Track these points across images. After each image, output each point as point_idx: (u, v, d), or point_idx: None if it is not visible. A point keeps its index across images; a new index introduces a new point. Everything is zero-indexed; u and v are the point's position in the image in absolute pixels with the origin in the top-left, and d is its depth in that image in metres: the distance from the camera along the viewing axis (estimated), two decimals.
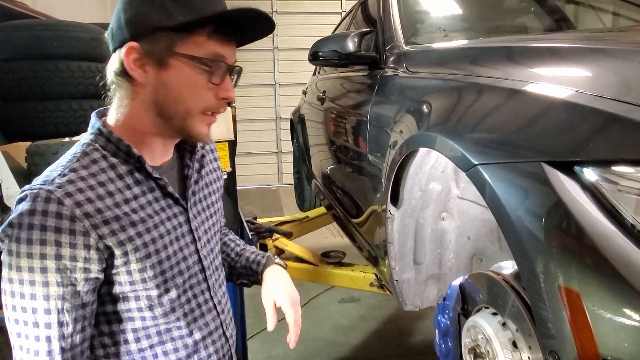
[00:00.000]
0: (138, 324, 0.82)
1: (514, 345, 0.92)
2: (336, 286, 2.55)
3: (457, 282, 1.16)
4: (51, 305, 0.72)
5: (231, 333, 1.00)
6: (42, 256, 0.70)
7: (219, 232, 1.03)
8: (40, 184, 0.72)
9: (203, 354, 0.90)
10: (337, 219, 2.60)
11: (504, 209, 0.81)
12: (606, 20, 2.21)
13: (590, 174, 0.71)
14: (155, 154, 0.84)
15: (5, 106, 2.73)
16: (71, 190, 0.72)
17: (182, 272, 0.86)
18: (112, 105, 0.81)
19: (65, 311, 0.73)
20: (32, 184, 0.73)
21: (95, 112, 0.83)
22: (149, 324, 0.83)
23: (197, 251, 0.90)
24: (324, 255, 2.42)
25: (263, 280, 1.12)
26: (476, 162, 0.90)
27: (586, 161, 0.72)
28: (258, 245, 2.49)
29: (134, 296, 0.80)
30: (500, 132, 0.93)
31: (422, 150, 1.27)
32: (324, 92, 2.71)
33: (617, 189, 0.68)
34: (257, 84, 6.69)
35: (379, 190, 1.55)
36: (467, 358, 1.06)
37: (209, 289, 0.93)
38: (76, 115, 2.75)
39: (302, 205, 4.21)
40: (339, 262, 2.35)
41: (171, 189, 0.84)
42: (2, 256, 0.72)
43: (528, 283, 0.77)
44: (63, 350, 0.74)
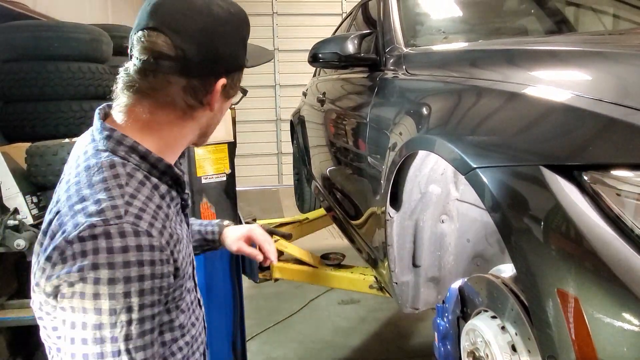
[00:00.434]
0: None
1: (513, 348, 0.92)
2: (335, 288, 2.55)
3: (456, 285, 1.16)
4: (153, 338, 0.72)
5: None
6: (141, 292, 0.67)
7: None
8: (114, 217, 0.67)
9: (195, 346, 0.91)
10: (336, 221, 2.59)
11: (502, 212, 0.81)
12: (606, 22, 2.21)
13: (590, 178, 0.71)
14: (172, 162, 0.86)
15: (5, 107, 2.73)
16: (149, 220, 0.70)
17: (187, 274, 0.87)
18: (148, 121, 0.78)
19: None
20: (89, 217, 0.67)
21: (109, 127, 0.77)
22: (166, 320, 0.82)
23: (191, 251, 0.91)
24: (324, 257, 2.41)
25: (225, 238, 1.22)
26: (475, 166, 0.90)
27: (585, 165, 0.72)
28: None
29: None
30: (500, 136, 0.93)
31: (421, 153, 1.26)
32: (324, 93, 2.71)
33: (617, 193, 0.68)
34: (258, 85, 6.69)
35: (379, 193, 1.54)
36: None
37: (195, 285, 0.95)
38: (76, 117, 2.75)
39: (302, 207, 4.20)
40: (338, 264, 2.35)
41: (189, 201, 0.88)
42: (77, 302, 0.66)
43: (527, 287, 0.77)
44: None
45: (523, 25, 2.11)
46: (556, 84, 0.90)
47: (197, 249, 1.22)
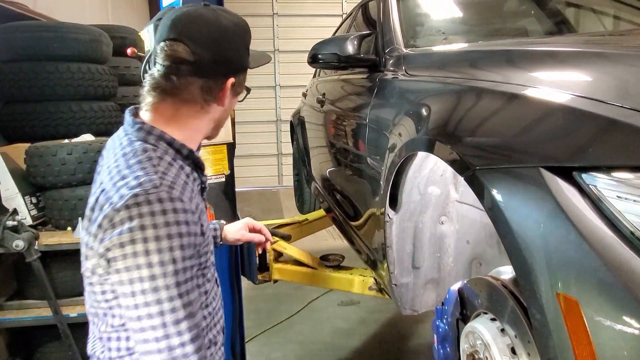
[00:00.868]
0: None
1: (513, 351, 0.92)
2: (335, 289, 2.54)
3: (455, 286, 1.15)
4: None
5: None
6: (181, 247, 0.80)
7: None
8: (152, 187, 0.80)
9: (215, 319, 1.04)
10: (336, 222, 2.59)
11: (502, 214, 0.80)
12: (607, 23, 2.20)
13: (590, 180, 0.71)
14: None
15: (5, 107, 2.73)
16: (179, 190, 0.85)
17: (210, 246, 1.00)
18: (172, 115, 0.94)
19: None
20: (131, 189, 0.80)
21: (140, 120, 0.93)
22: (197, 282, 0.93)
23: (209, 228, 1.04)
24: (323, 258, 2.40)
25: (227, 233, 1.34)
26: (474, 167, 0.89)
27: (585, 167, 0.72)
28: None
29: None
30: (499, 137, 0.93)
31: (420, 154, 1.26)
32: (323, 94, 2.70)
33: (617, 196, 0.68)
34: (258, 86, 6.68)
35: (378, 194, 1.54)
36: None
37: (213, 263, 1.05)
38: (76, 117, 2.74)
39: (302, 208, 4.20)
40: (337, 265, 2.34)
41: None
42: (130, 261, 0.78)
43: (526, 290, 0.76)
44: None
45: (523, 26, 2.11)
46: (556, 85, 0.90)
47: None
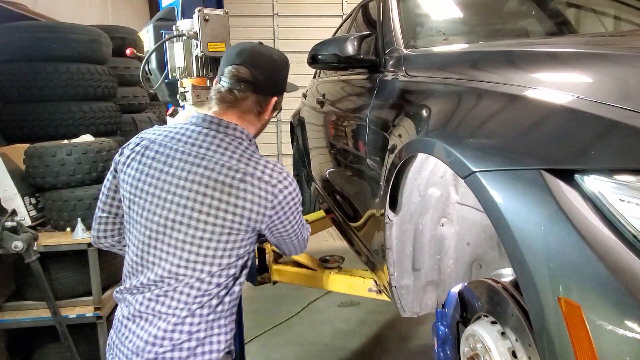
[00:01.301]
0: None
1: (514, 355, 0.91)
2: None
3: (456, 289, 1.15)
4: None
5: None
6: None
7: None
8: (280, 169, 1.32)
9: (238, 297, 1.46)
10: (336, 223, 2.58)
11: (502, 217, 0.79)
12: (607, 24, 2.20)
13: (591, 182, 0.70)
14: None
15: (4, 108, 2.72)
16: None
17: None
18: (241, 121, 1.32)
19: None
20: (273, 169, 1.31)
21: (234, 124, 1.31)
22: None
23: None
24: (323, 260, 2.39)
25: None
26: (475, 169, 0.88)
27: (587, 169, 0.71)
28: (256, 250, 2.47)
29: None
30: (500, 138, 0.92)
31: (420, 155, 1.25)
32: (323, 95, 2.70)
33: (619, 199, 0.67)
34: None
35: (378, 195, 1.53)
36: None
37: None
38: (75, 118, 2.74)
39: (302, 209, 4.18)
40: (337, 267, 2.33)
41: None
42: (295, 205, 1.35)
43: (527, 294, 0.76)
44: None
45: (524, 27, 2.10)
46: (557, 86, 0.89)
47: None
